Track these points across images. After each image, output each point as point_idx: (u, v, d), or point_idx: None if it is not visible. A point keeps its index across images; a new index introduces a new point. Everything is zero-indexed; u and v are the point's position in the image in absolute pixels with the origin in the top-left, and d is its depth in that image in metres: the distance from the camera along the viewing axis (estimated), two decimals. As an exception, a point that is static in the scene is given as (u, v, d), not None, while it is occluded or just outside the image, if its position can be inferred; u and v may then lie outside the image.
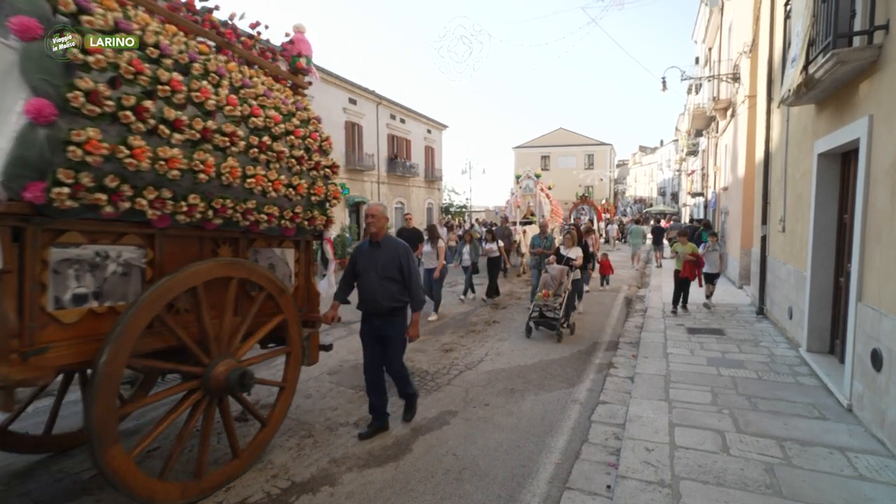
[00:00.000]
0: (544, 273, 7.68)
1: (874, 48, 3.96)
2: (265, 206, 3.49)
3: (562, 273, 7.44)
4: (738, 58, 11.66)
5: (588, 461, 3.58)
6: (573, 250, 7.81)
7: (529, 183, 17.22)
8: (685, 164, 33.79)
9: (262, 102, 3.54)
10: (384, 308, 3.93)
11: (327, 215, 4.25)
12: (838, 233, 5.42)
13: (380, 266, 3.92)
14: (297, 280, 4.18)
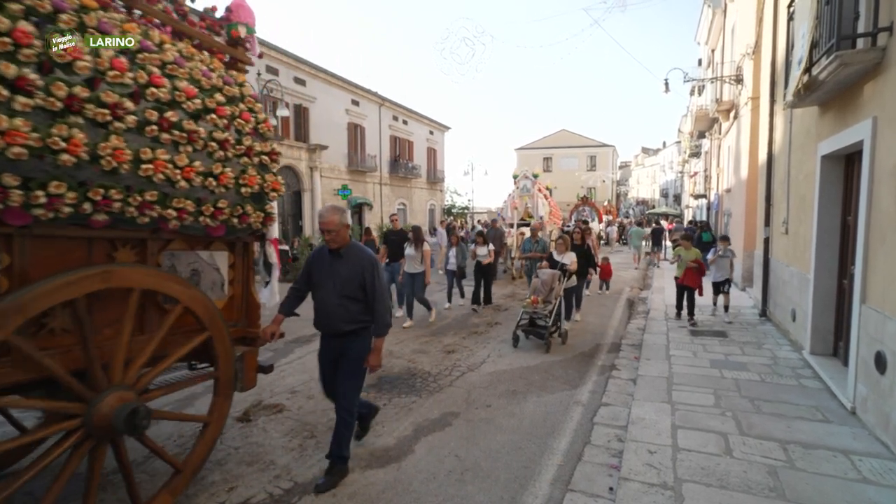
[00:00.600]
0: (534, 278, 7.30)
1: (878, 50, 3.96)
2: (173, 199, 2.81)
3: (553, 278, 7.01)
4: (741, 59, 11.64)
5: (590, 463, 3.58)
6: (566, 255, 7.35)
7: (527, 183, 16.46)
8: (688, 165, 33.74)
9: (172, 72, 2.86)
10: (342, 330, 3.35)
11: (265, 211, 3.59)
12: (842, 235, 5.40)
13: (339, 281, 3.31)
14: (233, 289, 3.52)
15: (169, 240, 3.03)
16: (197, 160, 2.98)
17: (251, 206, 3.42)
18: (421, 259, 7.88)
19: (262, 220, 3.59)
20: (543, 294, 6.97)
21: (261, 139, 3.63)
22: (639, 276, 14.84)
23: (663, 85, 14.80)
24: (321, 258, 3.44)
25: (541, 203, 16.04)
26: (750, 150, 10.59)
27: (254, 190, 3.44)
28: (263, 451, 3.82)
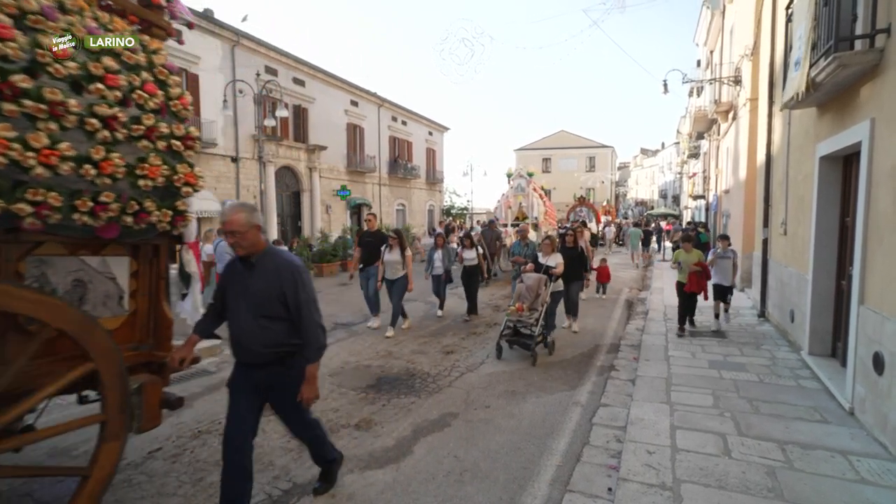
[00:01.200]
0: (519, 283, 6.69)
1: (876, 52, 3.97)
2: (27, 190, 2.22)
3: (538, 283, 6.44)
4: (740, 61, 11.67)
5: (589, 463, 3.58)
6: (552, 257, 6.70)
7: (521, 182, 15.84)
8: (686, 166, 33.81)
9: (36, 24, 2.30)
10: (264, 357, 2.74)
11: (175, 209, 2.93)
12: (840, 236, 5.42)
13: (252, 297, 2.68)
14: (136, 302, 2.94)
15: (36, 242, 2.46)
16: (65, 140, 2.36)
17: (153, 201, 2.78)
18: (403, 264, 7.36)
19: (171, 219, 2.92)
20: (528, 300, 6.41)
21: (173, 120, 3.01)
22: (637, 277, 14.85)
23: (662, 86, 14.82)
24: (233, 270, 2.80)
25: (536, 203, 15.45)
26: (748, 151, 10.60)
27: (156, 182, 2.78)
28: (262, 451, 3.81)
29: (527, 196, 15.55)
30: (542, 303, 6.30)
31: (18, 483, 3.36)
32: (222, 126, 19.36)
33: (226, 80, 18.45)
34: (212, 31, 18.96)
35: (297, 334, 2.74)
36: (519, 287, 6.64)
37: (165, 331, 3.06)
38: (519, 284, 6.68)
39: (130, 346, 2.89)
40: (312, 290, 2.81)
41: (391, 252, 7.37)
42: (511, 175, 16.16)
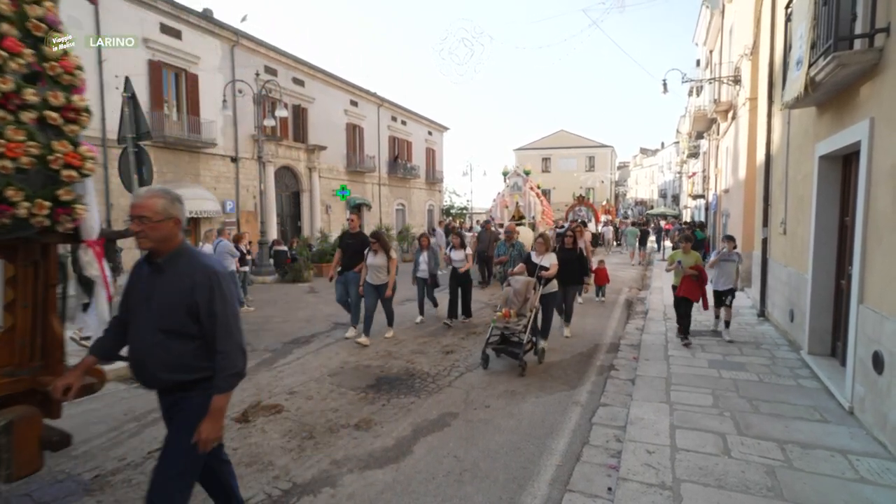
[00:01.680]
0: (506, 287, 6.26)
1: (875, 51, 3.97)
2: None
3: (527, 287, 6.01)
4: (739, 60, 11.67)
5: (589, 463, 3.58)
6: (546, 257, 6.18)
7: (518, 180, 15.21)
8: (686, 166, 33.82)
9: None
10: (163, 384, 2.20)
11: (55, 199, 2.39)
12: (839, 235, 5.42)
13: (155, 306, 2.15)
14: (14, 316, 2.45)
15: None
16: None
17: (17, 189, 2.23)
18: (387, 269, 6.97)
19: (51, 212, 2.37)
20: (517, 305, 6.00)
21: (51, 87, 2.44)
22: (637, 277, 14.85)
23: (662, 86, 14.82)
24: (138, 273, 2.27)
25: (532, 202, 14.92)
26: (748, 151, 10.61)
27: (20, 163, 2.25)
28: (262, 451, 3.81)
29: (523, 195, 15.01)
30: (530, 308, 5.88)
31: (18, 483, 3.35)
32: (222, 126, 19.35)
33: (225, 80, 18.44)
34: (211, 31, 18.95)
35: (206, 358, 2.16)
36: (506, 291, 6.19)
37: (55, 351, 2.49)
38: (506, 288, 6.24)
39: (3, 372, 2.37)
40: (234, 302, 2.22)
41: (375, 256, 6.94)
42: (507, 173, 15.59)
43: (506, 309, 5.95)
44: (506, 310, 5.93)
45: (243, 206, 20.58)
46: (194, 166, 18.50)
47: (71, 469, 3.55)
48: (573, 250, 7.19)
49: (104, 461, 3.64)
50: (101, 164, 15.32)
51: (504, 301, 6.12)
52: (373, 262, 6.96)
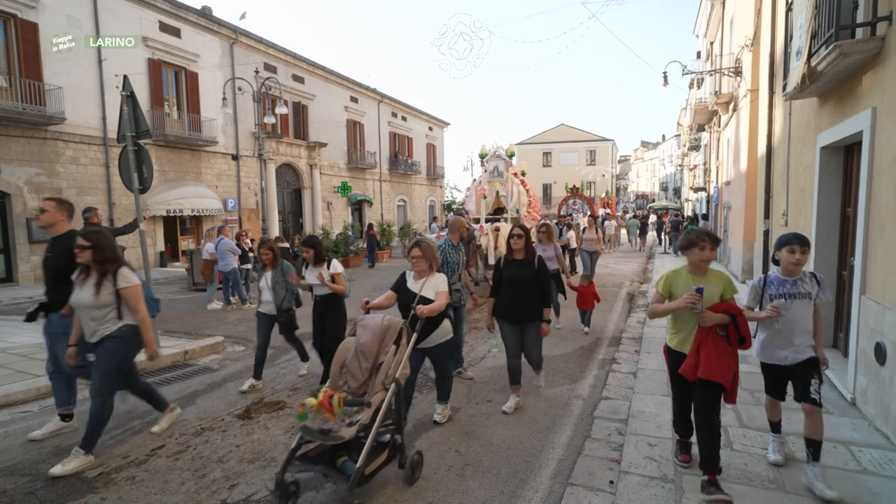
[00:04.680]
0: (349, 335, 3.48)
1: (877, 40, 3.93)
2: None
3: (384, 335, 3.33)
4: (740, 51, 11.60)
5: (591, 457, 3.58)
6: (433, 280, 3.85)
7: (499, 164, 12.01)
8: (687, 159, 33.71)
9: None
10: None
11: None
12: (841, 226, 5.39)
13: None
14: None
15: None
16: None
17: None
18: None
19: None
20: (357, 379, 3.24)
21: None
22: (639, 270, 14.83)
23: (662, 78, 14.76)
24: None
25: (516, 191, 12.00)
26: (749, 143, 10.56)
27: None
28: (265, 448, 3.83)
29: (505, 182, 11.92)
30: (384, 383, 3.12)
31: (23, 481, 3.37)
32: (222, 124, 19.35)
33: (225, 77, 18.42)
34: (210, 29, 18.91)
35: None
36: (341, 350, 3.36)
37: None
38: (348, 337, 3.45)
39: None
40: None
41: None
42: (485, 156, 12.30)
43: (326, 390, 3.09)
44: (327, 391, 3.06)
45: (245, 203, 20.60)
46: (195, 164, 18.51)
47: (75, 467, 3.56)
48: (527, 262, 4.37)
49: (108, 459, 3.66)
50: (102, 164, 15.35)
51: (338, 368, 3.28)
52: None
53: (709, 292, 2.93)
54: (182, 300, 10.88)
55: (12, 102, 12.84)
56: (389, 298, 3.89)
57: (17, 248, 13.52)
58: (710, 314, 2.90)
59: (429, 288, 3.81)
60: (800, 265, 3.03)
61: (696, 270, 3.04)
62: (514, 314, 4.43)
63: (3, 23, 13.13)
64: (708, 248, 2.93)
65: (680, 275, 3.07)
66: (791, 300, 3.08)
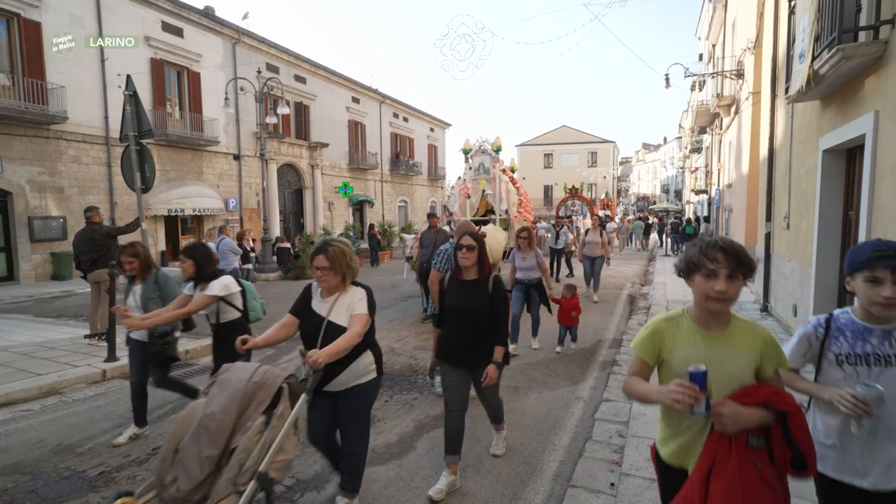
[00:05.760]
0: (202, 395, 2.39)
1: (880, 43, 3.94)
2: None
3: (249, 399, 2.23)
4: (742, 54, 11.61)
5: (592, 459, 3.58)
6: (343, 300, 2.73)
7: (485, 160, 10.67)
8: (689, 161, 33.71)
9: None
10: None
11: None
12: (843, 229, 5.39)
13: None
14: None
15: None
16: None
17: None
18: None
19: None
20: (190, 479, 2.04)
21: None
22: (640, 272, 14.82)
23: (664, 80, 14.77)
24: None
25: (505, 189, 10.70)
26: (751, 145, 10.56)
27: None
28: (265, 448, 3.82)
29: (492, 180, 10.59)
30: (236, 483, 2.07)
31: (24, 480, 3.38)
32: (224, 124, 19.37)
33: (227, 77, 18.44)
34: (213, 29, 18.95)
35: None
36: (178, 425, 2.26)
37: None
38: (183, 415, 2.30)
39: None
40: None
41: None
42: (469, 151, 10.96)
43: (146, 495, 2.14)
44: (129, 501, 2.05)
45: (246, 203, 20.63)
46: (197, 164, 18.53)
47: (76, 466, 3.57)
48: (479, 283, 3.20)
49: (109, 458, 3.66)
50: (104, 163, 15.38)
51: (168, 454, 2.19)
52: None
53: (731, 367, 1.62)
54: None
55: (15, 101, 12.87)
56: (286, 327, 2.81)
57: (19, 246, 13.53)
58: (735, 410, 1.53)
59: (340, 310, 2.70)
60: None
61: (707, 319, 1.67)
62: (458, 354, 3.19)
63: (6, 22, 13.17)
64: (723, 276, 1.56)
65: (679, 326, 1.73)
66: (881, 368, 1.69)
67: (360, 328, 2.64)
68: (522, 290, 6.23)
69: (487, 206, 11.08)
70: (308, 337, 2.72)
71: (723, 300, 1.58)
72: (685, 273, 1.69)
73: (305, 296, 2.85)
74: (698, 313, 1.71)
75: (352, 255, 2.76)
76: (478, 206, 11.03)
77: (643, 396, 1.70)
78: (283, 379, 2.34)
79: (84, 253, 6.68)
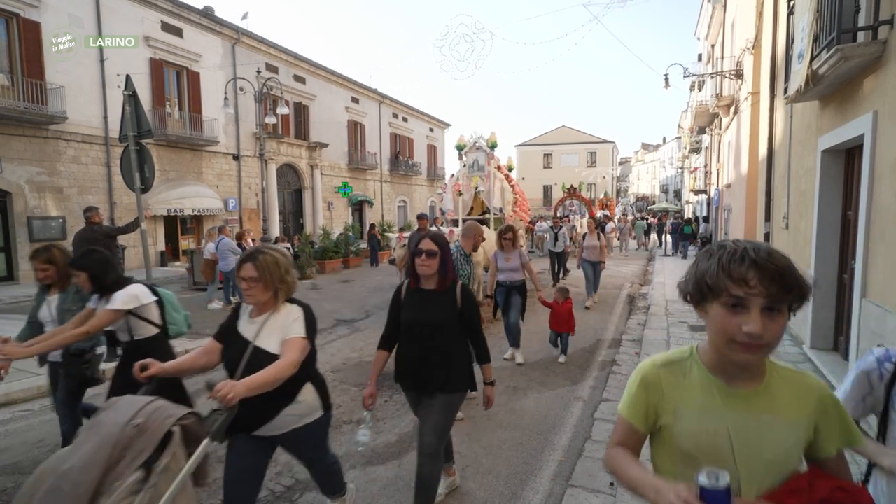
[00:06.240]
0: (54, 456, 1.79)
1: (879, 44, 3.94)
2: None
3: (122, 449, 1.71)
4: (741, 54, 11.62)
5: (591, 458, 3.58)
6: (280, 315, 2.23)
7: (479, 157, 10.11)
8: (688, 161, 33.73)
9: None
10: None
11: None
12: (842, 229, 5.40)
13: None
14: None
15: None
16: None
17: None
18: None
19: None
20: None
21: None
22: (639, 272, 14.83)
23: (663, 80, 14.78)
24: None
25: (499, 187, 10.18)
26: (750, 146, 10.57)
27: None
28: (265, 448, 3.82)
29: (487, 177, 10.02)
30: None
31: (24, 480, 3.37)
32: (223, 124, 19.37)
33: (226, 77, 18.44)
34: (212, 29, 18.94)
35: None
36: (29, 485, 1.71)
37: None
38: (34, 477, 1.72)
39: None
40: None
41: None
42: (463, 147, 10.41)
43: None
44: None
45: (246, 203, 20.62)
46: (196, 164, 18.53)
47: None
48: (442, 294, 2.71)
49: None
50: (103, 163, 15.37)
51: None
52: None
53: (768, 445, 1.07)
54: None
55: (14, 101, 12.86)
56: (207, 354, 2.30)
57: (18, 246, 13.52)
58: None
59: (270, 332, 2.17)
60: None
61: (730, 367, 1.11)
62: (412, 377, 2.69)
63: (5, 22, 13.16)
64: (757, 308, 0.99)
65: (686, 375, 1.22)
66: None
67: (295, 356, 2.10)
68: (503, 293, 5.81)
69: (483, 205, 10.69)
70: (230, 366, 2.17)
71: (757, 348, 1.00)
72: (695, 299, 1.10)
73: (232, 316, 2.36)
74: (715, 358, 1.12)
75: (288, 268, 2.27)
76: (472, 204, 10.62)
77: (633, 487, 1.11)
78: (178, 419, 1.81)
79: (83, 253, 6.67)
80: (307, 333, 2.21)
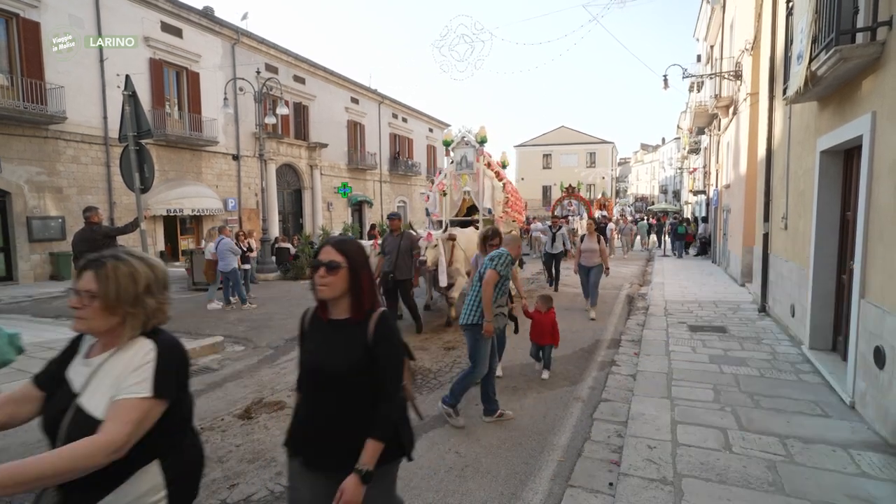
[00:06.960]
0: None
1: (877, 45, 3.95)
2: None
3: None
4: (740, 55, 11.62)
5: (590, 459, 3.59)
6: None
7: (468, 153, 9.33)
8: (687, 161, 33.73)
9: None
10: None
11: None
12: (841, 230, 5.41)
13: None
14: None
15: None
16: None
17: None
18: None
19: None
20: None
21: None
22: (638, 273, 14.84)
23: (662, 81, 14.79)
24: None
25: (489, 185, 9.47)
26: (749, 146, 10.58)
27: None
28: (265, 448, 3.83)
29: (476, 176, 9.27)
30: None
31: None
32: (223, 124, 19.37)
33: (226, 78, 18.44)
34: (212, 30, 18.94)
35: None
36: None
37: None
38: None
39: None
40: None
41: None
42: (450, 143, 9.66)
43: None
44: None
45: (245, 203, 20.62)
46: (196, 164, 18.52)
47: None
48: (353, 326, 1.83)
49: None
50: (102, 163, 15.37)
51: None
52: None
53: None
54: (182, 300, 10.87)
55: (14, 101, 12.85)
56: (15, 404, 1.51)
57: (18, 246, 13.51)
58: None
59: (103, 382, 1.42)
60: None
61: None
62: (311, 448, 1.88)
63: (5, 22, 13.15)
64: None
65: None
66: None
67: (118, 431, 1.30)
68: None
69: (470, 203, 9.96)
70: (49, 429, 1.43)
71: None
72: None
73: (67, 350, 1.59)
74: None
75: (151, 286, 1.50)
76: (459, 204, 9.79)
77: None
78: None
79: (83, 253, 6.64)
80: (156, 390, 1.39)
